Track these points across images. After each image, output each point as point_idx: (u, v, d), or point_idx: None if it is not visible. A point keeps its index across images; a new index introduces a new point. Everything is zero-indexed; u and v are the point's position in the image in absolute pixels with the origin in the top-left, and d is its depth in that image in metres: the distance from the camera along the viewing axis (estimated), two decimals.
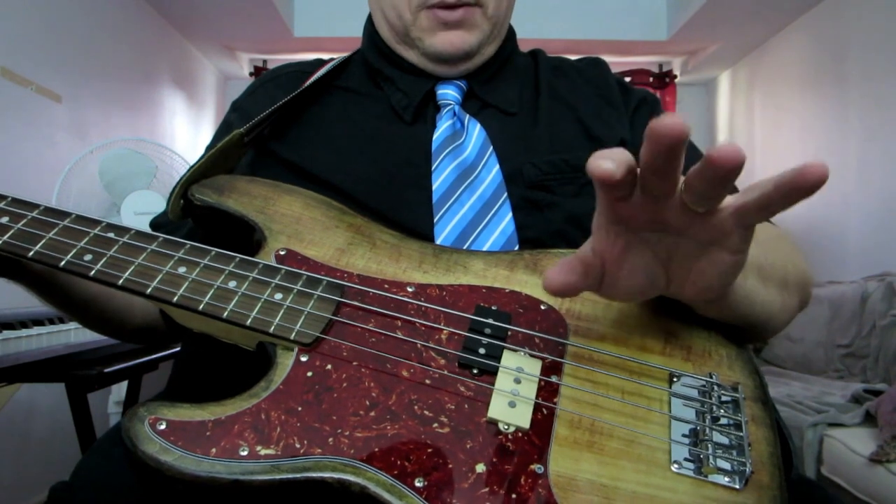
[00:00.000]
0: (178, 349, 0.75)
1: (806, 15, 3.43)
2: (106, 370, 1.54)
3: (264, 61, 4.29)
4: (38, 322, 1.63)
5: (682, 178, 0.43)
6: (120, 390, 2.12)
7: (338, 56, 0.85)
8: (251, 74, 4.36)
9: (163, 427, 0.46)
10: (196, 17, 3.52)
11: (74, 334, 1.63)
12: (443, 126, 0.73)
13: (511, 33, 0.84)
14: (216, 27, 3.68)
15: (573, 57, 0.87)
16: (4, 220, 0.57)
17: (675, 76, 4.41)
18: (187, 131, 3.92)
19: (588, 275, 0.47)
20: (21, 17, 2.35)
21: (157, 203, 2.08)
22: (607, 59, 0.86)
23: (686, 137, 0.39)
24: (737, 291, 0.55)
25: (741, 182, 0.79)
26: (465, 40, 0.74)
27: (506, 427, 0.48)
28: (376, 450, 0.46)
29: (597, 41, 3.82)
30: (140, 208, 2.09)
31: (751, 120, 4.09)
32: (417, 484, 0.44)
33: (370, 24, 0.83)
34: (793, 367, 2.88)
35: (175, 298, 0.53)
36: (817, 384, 2.51)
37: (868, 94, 2.95)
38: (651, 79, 4.33)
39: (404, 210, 0.68)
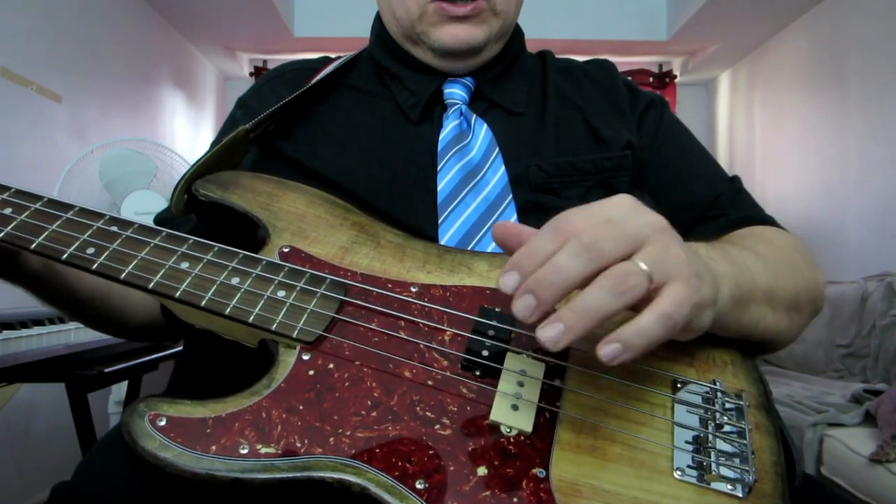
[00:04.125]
0: (179, 348, 0.75)
1: (806, 15, 3.44)
2: (106, 370, 1.54)
3: (264, 61, 4.29)
4: (38, 322, 1.63)
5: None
6: (120, 390, 2.12)
7: (342, 55, 0.85)
8: (251, 75, 4.36)
9: (163, 423, 0.45)
10: (196, 17, 3.52)
11: (74, 334, 1.63)
12: (449, 126, 0.73)
13: (519, 33, 0.84)
14: (216, 27, 3.68)
15: (580, 58, 0.86)
16: (7, 211, 0.57)
17: (675, 76, 4.41)
18: (187, 131, 3.92)
19: None
20: (21, 17, 2.35)
21: (157, 203, 2.08)
22: (607, 59, 0.86)
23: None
24: (738, 320, 0.56)
25: (744, 182, 0.80)
26: (473, 34, 0.73)
27: (508, 430, 0.47)
28: (377, 450, 0.45)
29: (597, 41, 3.82)
30: (140, 208, 2.09)
31: (751, 120, 4.09)
32: (418, 486, 0.44)
33: (378, 23, 0.83)
34: (793, 367, 2.88)
35: (177, 294, 0.53)
36: (817, 384, 2.51)
37: (868, 94, 2.95)
38: (651, 79, 4.33)
39: (409, 210, 0.68)
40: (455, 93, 0.76)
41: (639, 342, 0.41)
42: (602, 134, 0.75)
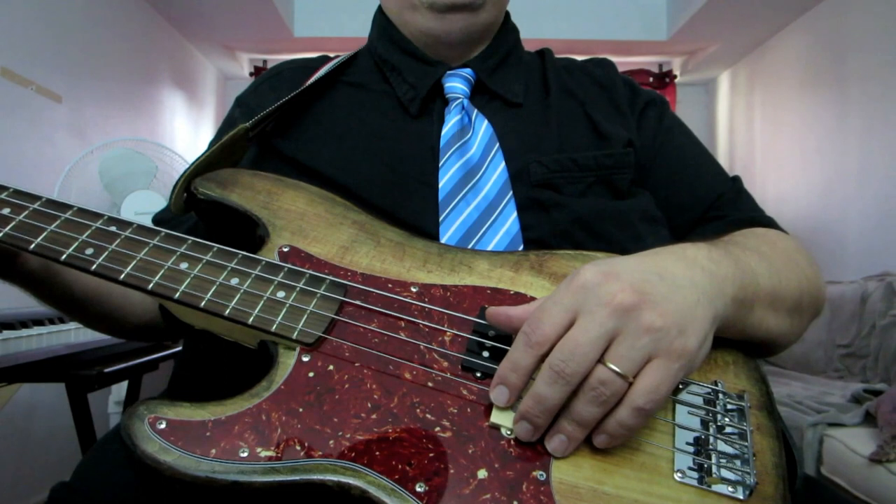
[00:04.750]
0: (179, 348, 0.75)
1: (806, 15, 3.43)
2: (106, 370, 1.54)
3: (264, 61, 4.29)
4: (38, 322, 1.63)
5: None
6: (120, 390, 2.12)
7: (341, 54, 0.85)
8: (251, 74, 4.36)
9: (163, 426, 0.45)
10: (196, 17, 3.51)
11: (74, 334, 1.63)
12: (451, 121, 0.73)
13: (514, 29, 0.83)
14: (216, 27, 3.68)
15: (580, 58, 0.86)
16: (6, 211, 0.56)
17: (675, 76, 4.40)
18: (187, 131, 3.91)
19: None
20: (21, 17, 2.35)
21: (157, 203, 2.08)
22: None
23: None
24: (742, 322, 0.56)
25: (744, 182, 0.79)
26: None
27: (508, 432, 0.47)
28: (377, 453, 0.45)
29: (597, 41, 3.82)
30: (140, 208, 2.09)
31: (751, 120, 4.09)
32: (418, 489, 0.44)
33: (379, 12, 0.83)
34: (793, 367, 2.88)
35: (177, 295, 0.52)
36: (817, 384, 2.51)
37: (868, 93, 2.95)
38: (651, 79, 4.32)
39: (409, 208, 0.67)
40: (456, 87, 0.75)
41: (623, 432, 0.46)
42: (604, 129, 0.74)
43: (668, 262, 0.51)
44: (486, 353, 0.51)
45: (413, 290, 0.56)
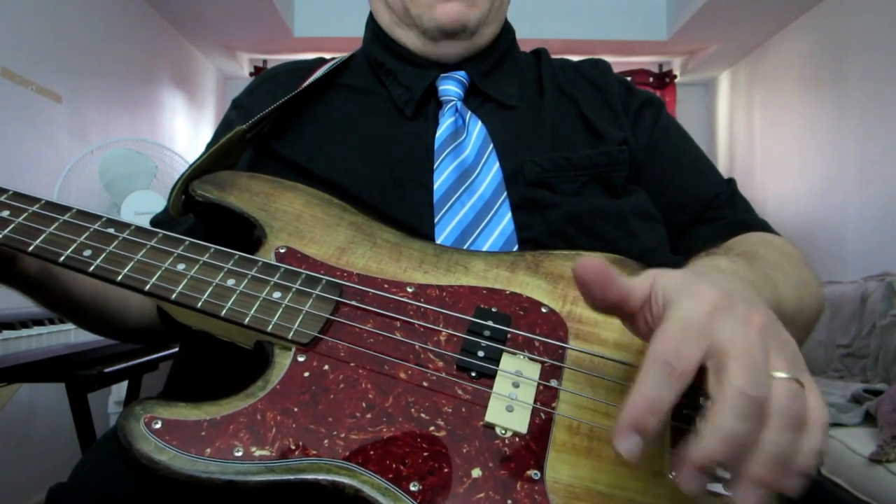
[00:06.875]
0: (177, 349, 0.75)
1: (806, 15, 3.43)
2: (106, 370, 1.54)
3: (264, 61, 4.29)
4: (38, 322, 1.63)
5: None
6: (120, 390, 2.12)
7: (339, 55, 0.86)
8: (251, 74, 4.36)
9: (158, 426, 0.45)
10: (196, 17, 3.52)
11: (74, 334, 1.63)
12: (445, 123, 0.73)
13: (509, 29, 0.84)
14: (216, 27, 3.68)
15: (575, 58, 0.86)
16: (5, 213, 0.57)
17: (675, 76, 4.41)
18: (187, 131, 3.92)
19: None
20: (21, 17, 2.35)
21: (157, 203, 2.08)
22: (607, 59, 0.86)
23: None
24: None
25: (742, 185, 0.80)
26: (464, 13, 0.74)
27: (503, 431, 0.47)
28: (372, 452, 0.45)
29: (597, 41, 3.82)
30: (140, 208, 2.09)
31: (751, 120, 4.09)
32: (412, 488, 0.44)
33: (372, 18, 0.84)
34: None
35: (173, 296, 0.53)
36: (817, 384, 2.50)
37: (868, 94, 2.95)
38: (651, 79, 4.32)
39: (405, 209, 0.68)
40: (450, 89, 0.76)
41: (816, 459, 0.36)
42: (598, 128, 0.75)
43: (731, 280, 0.48)
44: (481, 353, 0.51)
45: (409, 290, 0.56)
